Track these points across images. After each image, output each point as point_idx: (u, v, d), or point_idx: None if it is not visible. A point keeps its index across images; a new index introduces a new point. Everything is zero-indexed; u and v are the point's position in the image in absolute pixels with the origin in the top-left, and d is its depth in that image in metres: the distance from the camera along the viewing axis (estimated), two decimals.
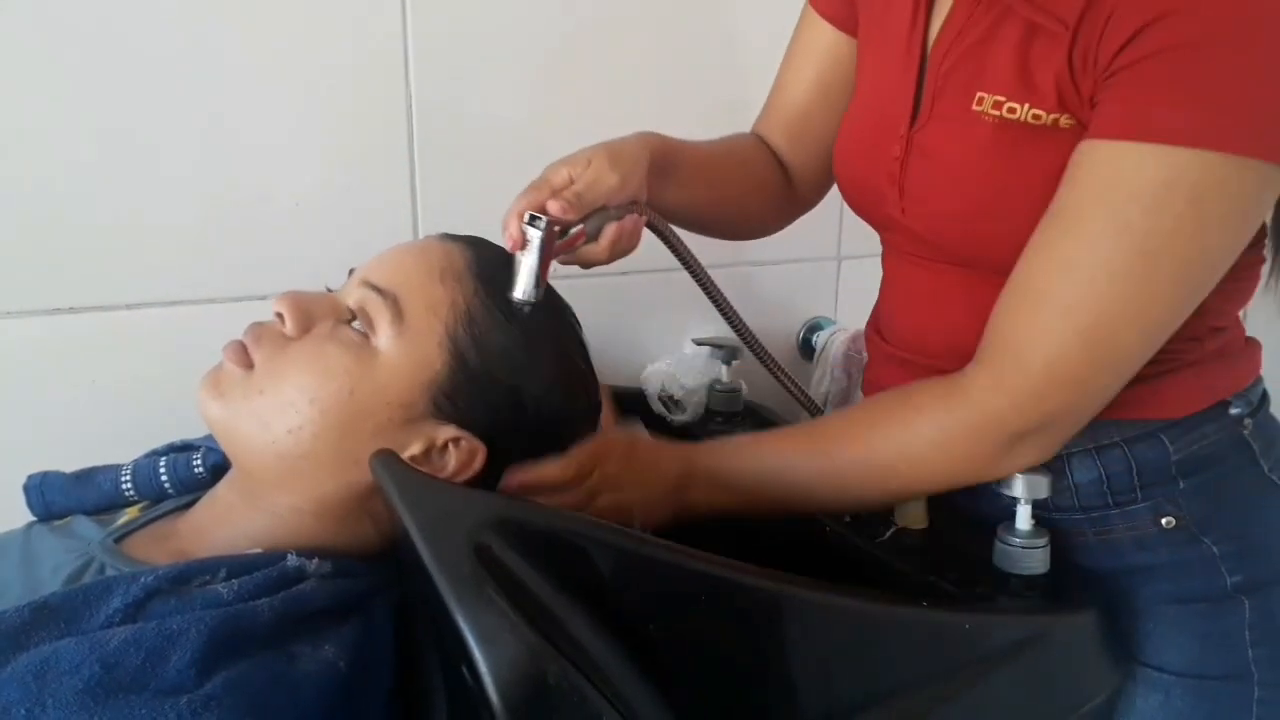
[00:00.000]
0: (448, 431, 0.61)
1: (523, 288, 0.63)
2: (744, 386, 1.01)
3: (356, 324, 0.62)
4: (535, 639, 0.47)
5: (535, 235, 0.63)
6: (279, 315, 0.62)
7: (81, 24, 0.85)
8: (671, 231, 0.77)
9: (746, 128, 0.93)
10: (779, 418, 1.00)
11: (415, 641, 0.60)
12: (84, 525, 0.66)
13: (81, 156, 0.87)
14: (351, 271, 0.66)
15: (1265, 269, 0.74)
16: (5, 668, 0.48)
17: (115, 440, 0.77)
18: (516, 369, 0.62)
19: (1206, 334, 0.71)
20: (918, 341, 0.80)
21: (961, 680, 0.63)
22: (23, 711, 0.45)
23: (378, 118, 0.97)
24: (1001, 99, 0.66)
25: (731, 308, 0.80)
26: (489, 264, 0.65)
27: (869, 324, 0.89)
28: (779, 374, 0.85)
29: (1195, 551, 0.71)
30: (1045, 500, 0.68)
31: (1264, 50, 0.57)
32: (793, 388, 0.87)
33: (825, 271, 1.19)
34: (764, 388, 1.06)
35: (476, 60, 1.00)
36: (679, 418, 1.01)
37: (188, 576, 0.54)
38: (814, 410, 0.90)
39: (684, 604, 0.56)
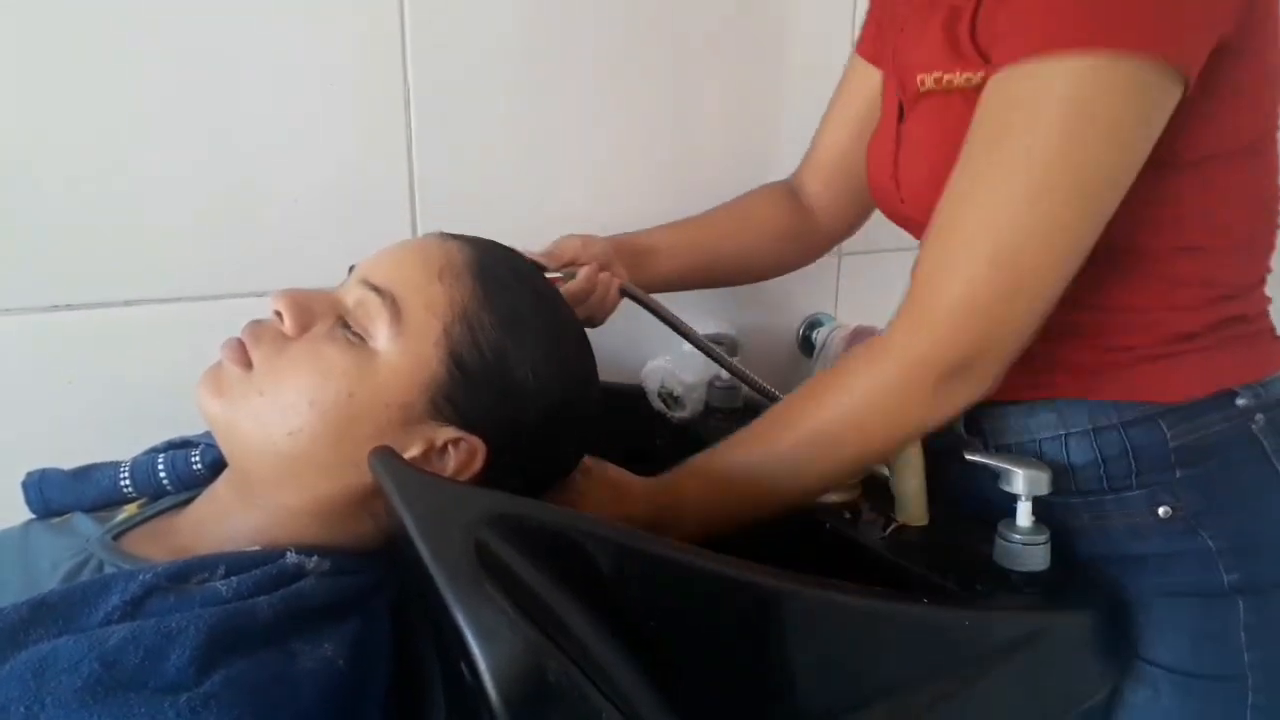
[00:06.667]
0: (447, 433, 0.60)
1: None
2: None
3: (355, 325, 0.61)
4: (535, 636, 0.46)
5: None
6: (278, 314, 0.61)
7: (79, 19, 0.85)
8: (650, 299, 0.88)
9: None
10: None
11: (414, 639, 0.60)
12: (82, 522, 0.66)
13: (78, 152, 0.87)
14: (352, 268, 0.65)
15: None
16: (4, 665, 0.47)
17: (113, 437, 0.77)
18: (515, 368, 0.62)
19: (1205, 305, 0.70)
20: None
21: (962, 677, 0.62)
22: (22, 709, 0.45)
23: (376, 114, 0.97)
24: (940, 74, 0.70)
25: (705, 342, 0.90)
26: (488, 263, 0.64)
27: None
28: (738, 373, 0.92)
29: (1190, 544, 0.70)
30: None
31: None
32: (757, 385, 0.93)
33: (826, 268, 1.19)
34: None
35: (475, 57, 0.99)
36: (679, 414, 1.01)
37: (186, 573, 0.54)
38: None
39: (684, 600, 0.56)
